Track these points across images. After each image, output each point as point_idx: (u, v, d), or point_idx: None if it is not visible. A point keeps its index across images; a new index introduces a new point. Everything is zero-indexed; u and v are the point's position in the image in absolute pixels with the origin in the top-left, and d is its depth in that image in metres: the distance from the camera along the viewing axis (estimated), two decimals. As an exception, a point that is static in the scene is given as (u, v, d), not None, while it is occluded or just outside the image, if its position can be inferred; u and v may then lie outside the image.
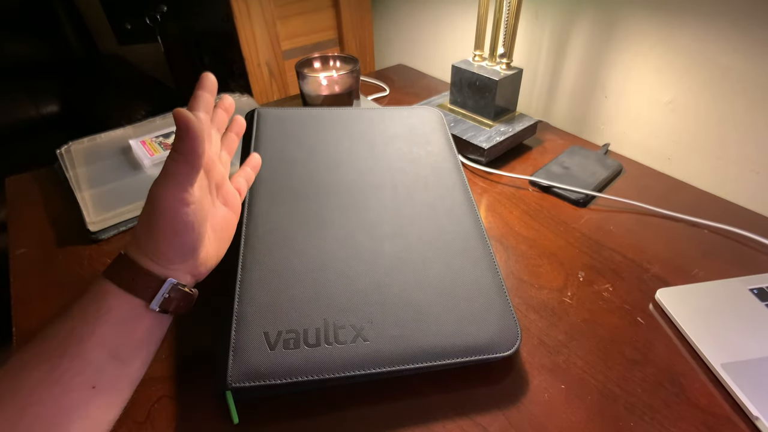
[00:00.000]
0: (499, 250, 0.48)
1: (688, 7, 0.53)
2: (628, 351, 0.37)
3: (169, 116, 0.70)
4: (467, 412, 0.33)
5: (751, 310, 0.39)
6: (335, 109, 0.51)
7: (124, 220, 0.52)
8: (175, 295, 0.31)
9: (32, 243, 0.51)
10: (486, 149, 0.59)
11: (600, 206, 0.54)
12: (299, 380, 0.31)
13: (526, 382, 0.35)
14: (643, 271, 0.45)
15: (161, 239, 0.30)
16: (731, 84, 0.52)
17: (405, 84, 0.88)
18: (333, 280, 0.36)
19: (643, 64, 0.59)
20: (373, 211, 0.41)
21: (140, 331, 0.30)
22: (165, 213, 0.30)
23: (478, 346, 0.34)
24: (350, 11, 0.95)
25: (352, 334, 0.33)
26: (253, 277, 0.35)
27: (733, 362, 0.35)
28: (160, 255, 0.31)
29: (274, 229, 0.39)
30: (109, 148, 0.63)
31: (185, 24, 1.14)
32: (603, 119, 0.67)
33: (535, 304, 0.42)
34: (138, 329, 0.30)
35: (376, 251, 0.38)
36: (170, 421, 0.33)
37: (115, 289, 0.30)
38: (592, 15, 0.63)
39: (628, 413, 0.33)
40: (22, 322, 0.42)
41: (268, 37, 0.87)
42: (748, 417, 0.32)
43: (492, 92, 0.61)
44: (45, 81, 1.43)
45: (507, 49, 0.60)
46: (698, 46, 0.54)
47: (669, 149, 0.61)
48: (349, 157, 0.46)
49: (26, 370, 0.26)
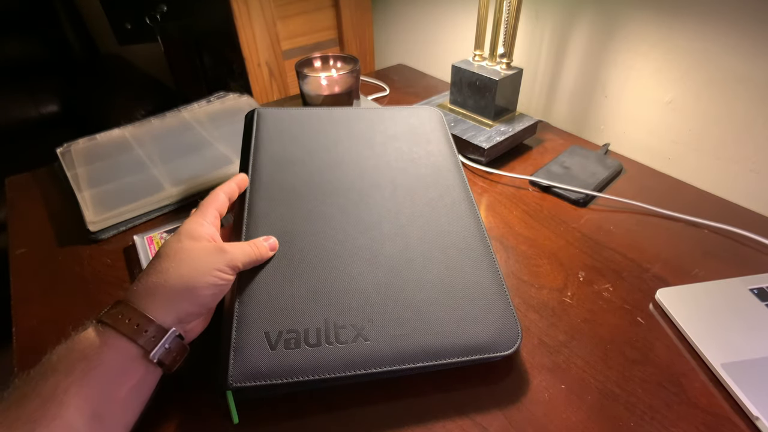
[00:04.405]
0: (499, 249, 0.48)
1: (688, 7, 0.53)
2: (628, 351, 0.37)
3: (167, 117, 0.70)
4: (467, 412, 0.33)
5: (751, 310, 0.39)
6: (335, 109, 0.51)
7: (124, 219, 0.52)
8: (174, 347, 0.30)
9: (32, 243, 0.51)
10: (486, 149, 0.59)
11: (600, 206, 0.54)
12: (300, 380, 0.31)
13: (526, 382, 0.35)
14: (643, 271, 0.45)
15: (186, 305, 0.31)
16: (731, 84, 0.52)
17: (405, 84, 0.88)
18: (333, 279, 0.36)
19: (643, 64, 0.60)
20: (374, 211, 0.41)
21: (128, 385, 0.28)
22: (211, 288, 0.32)
23: (478, 345, 0.34)
24: (350, 11, 0.95)
25: (352, 334, 0.33)
26: (253, 277, 0.35)
27: (733, 362, 0.35)
28: (173, 315, 0.31)
29: (274, 229, 0.39)
30: (109, 148, 0.63)
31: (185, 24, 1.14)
32: (603, 119, 0.67)
33: (535, 303, 0.42)
34: (126, 384, 0.28)
35: (376, 251, 0.38)
36: (170, 421, 0.33)
37: (113, 338, 0.28)
38: (592, 15, 0.63)
39: (628, 413, 0.33)
40: (22, 322, 0.42)
41: (268, 37, 0.87)
42: (748, 417, 0.32)
43: (492, 92, 0.61)
44: (45, 81, 1.43)
45: (507, 49, 0.60)
46: (698, 46, 0.54)
47: (669, 149, 0.61)
48: (349, 157, 0.46)
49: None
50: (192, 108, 0.72)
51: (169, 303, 0.31)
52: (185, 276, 0.31)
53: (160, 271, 0.31)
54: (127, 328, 0.29)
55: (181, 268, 0.31)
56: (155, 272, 0.31)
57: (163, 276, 0.31)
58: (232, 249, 0.34)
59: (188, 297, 0.31)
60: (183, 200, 0.55)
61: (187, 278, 0.31)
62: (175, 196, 0.55)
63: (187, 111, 0.72)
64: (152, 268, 0.32)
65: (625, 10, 0.59)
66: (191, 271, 0.31)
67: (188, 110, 0.72)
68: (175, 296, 0.31)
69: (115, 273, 0.46)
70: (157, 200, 0.54)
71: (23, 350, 0.39)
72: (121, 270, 0.47)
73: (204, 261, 0.32)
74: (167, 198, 0.54)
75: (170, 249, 0.33)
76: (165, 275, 0.31)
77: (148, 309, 0.30)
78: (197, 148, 0.63)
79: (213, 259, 0.32)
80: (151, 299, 0.30)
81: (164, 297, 0.31)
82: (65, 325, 0.41)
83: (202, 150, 0.62)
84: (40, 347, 0.39)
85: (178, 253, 0.32)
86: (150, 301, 0.30)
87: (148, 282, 0.31)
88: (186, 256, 0.32)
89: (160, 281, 0.31)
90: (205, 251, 0.33)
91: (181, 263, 0.32)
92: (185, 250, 0.32)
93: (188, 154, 0.61)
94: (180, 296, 0.31)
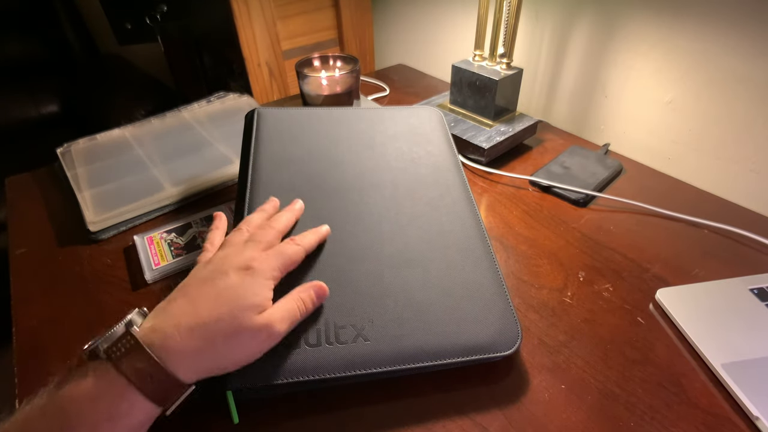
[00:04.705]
0: (499, 249, 0.48)
1: (688, 7, 0.53)
2: (628, 351, 0.37)
3: (167, 117, 0.70)
4: (467, 412, 0.33)
5: (751, 310, 0.39)
6: (335, 109, 0.51)
7: (124, 219, 0.52)
8: (188, 398, 0.29)
9: (32, 243, 0.51)
10: (486, 149, 0.59)
11: (600, 206, 0.54)
12: (300, 380, 0.31)
13: (526, 382, 0.35)
14: (643, 271, 0.45)
15: (215, 371, 0.29)
16: (731, 84, 0.52)
17: (405, 84, 0.88)
18: (333, 279, 0.36)
19: (643, 64, 0.60)
20: (374, 211, 0.41)
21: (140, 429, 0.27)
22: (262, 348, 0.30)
23: (478, 345, 0.34)
24: (350, 11, 0.95)
25: (352, 334, 0.33)
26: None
27: (733, 362, 0.35)
28: (198, 376, 0.28)
29: (274, 229, 0.39)
30: (108, 148, 0.63)
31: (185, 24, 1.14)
32: (603, 119, 0.67)
33: (535, 304, 0.42)
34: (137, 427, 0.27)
35: (376, 251, 0.38)
36: (171, 421, 0.33)
37: (139, 401, 0.26)
38: (592, 15, 0.63)
39: (628, 413, 0.33)
40: (22, 322, 0.42)
41: (268, 37, 0.87)
42: (748, 417, 0.32)
43: (492, 92, 0.61)
44: (45, 81, 1.43)
45: (507, 49, 0.60)
46: (698, 46, 0.54)
47: (669, 149, 0.61)
48: (349, 156, 0.46)
49: None
50: (192, 108, 0.72)
51: (199, 369, 0.28)
52: (227, 358, 0.29)
53: (201, 325, 0.28)
54: (153, 391, 0.27)
55: (226, 349, 0.28)
56: (193, 320, 0.28)
57: (200, 338, 0.28)
58: (281, 326, 0.30)
59: (221, 370, 0.29)
60: (183, 200, 0.55)
61: (228, 360, 0.29)
62: (175, 196, 0.55)
63: (187, 111, 0.72)
64: (192, 306, 0.29)
65: (625, 10, 0.59)
66: (233, 354, 0.29)
67: (188, 110, 0.72)
68: (208, 366, 0.29)
69: (115, 273, 0.46)
70: (157, 200, 0.54)
71: (23, 350, 0.39)
72: (121, 270, 0.47)
73: (250, 348, 0.29)
74: (167, 198, 0.54)
75: (223, 308, 0.29)
76: (204, 341, 0.28)
77: (177, 369, 0.27)
78: (197, 148, 0.63)
79: (262, 345, 0.30)
80: (179, 359, 0.27)
81: (194, 362, 0.28)
82: (65, 325, 0.41)
83: (202, 150, 0.62)
84: (40, 347, 0.39)
85: (228, 327, 0.28)
86: (178, 360, 0.27)
87: (181, 333, 0.28)
88: (233, 333, 0.28)
89: (195, 345, 0.28)
90: (258, 340, 0.30)
91: (229, 346, 0.28)
92: (235, 326, 0.29)
93: (188, 154, 0.61)
94: (213, 368, 0.29)
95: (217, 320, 0.28)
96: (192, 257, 0.47)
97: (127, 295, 0.44)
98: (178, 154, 0.61)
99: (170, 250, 0.47)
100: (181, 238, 0.49)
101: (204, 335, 0.28)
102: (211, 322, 0.28)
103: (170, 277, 0.45)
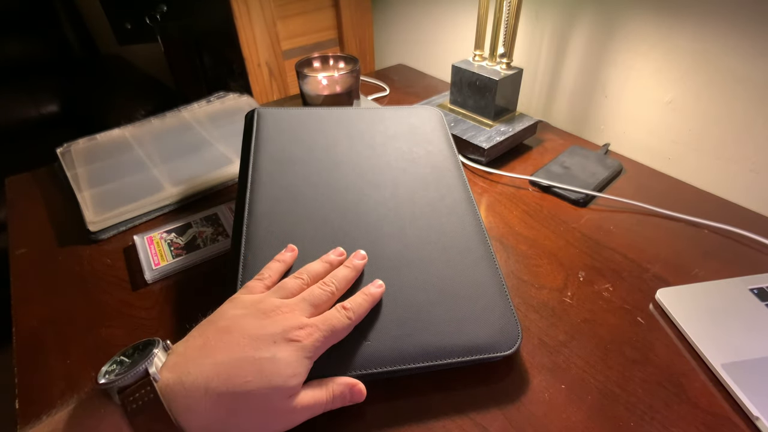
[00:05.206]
0: (500, 249, 0.48)
1: (688, 7, 0.53)
2: (628, 351, 0.37)
3: (167, 117, 0.70)
4: (467, 412, 0.33)
5: (751, 310, 0.39)
6: (335, 109, 0.51)
7: (124, 219, 0.52)
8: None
9: (32, 243, 0.51)
10: (486, 149, 0.59)
11: (600, 206, 0.54)
12: (299, 380, 0.31)
13: (526, 382, 0.35)
14: (643, 271, 0.45)
15: (242, 430, 0.27)
16: (731, 84, 0.52)
17: (405, 84, 0.88)
18: (333, 280, 0.36)
19: (643, 64, 0.60)
20: (373, 211, 0.41)
21: None
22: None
23: (478, 345, 0.34)
24: (350, 11, 0.95)
25: (352, 334, 0.33)
26: (253, 277, 0.35)
27: (733, 362, 0.35)
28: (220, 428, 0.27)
29: (274, 229, 0.39)
30: (108, 148, 0.63)
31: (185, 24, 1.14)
32: (603, 119, 0.67)
33: (535, 304, 0.42)
34: None
35: (376, 251, 0.38)
36: None
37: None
38: (592, 15, 0.63)
39: (628, 413, 0.33)
40: (22, 322, 0.42)
41: (268, 37, 0.87)
42: (748, 417, 0.32)
43: (492, 92, 0.61)
44: (45, 81, 1.43)
45: (507, 49, 0.60)
46: (698, 46, 0.54)
47: (669, 149, 0.61)
48: (349, 156, 0.46)
49: None
50: (192, 108, 0.72)
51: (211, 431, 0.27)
52: (241, 428, 0.27)
53: (230, 394, 0.26)
54: None
55: (245, 422, 0.27)
56: (224, 385, 0.26)
57: (225, 408, 0.26)
58: (302, 416, 0.29)
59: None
60: (183, 200, 0.55)
61: (241, 430, 0.28)
62: (175, 196, 0.55)
63: (187, 111, 0.72)
64: (227, 367, 0.27)
65: (625, 10, 0.59)
66: (249, 427, 0.28)
67: (188, 110, 0.72)
68: (221, 430, 0.27)
69: (115, 273, 0.46)
70: (157, 200, 0.54)
71: (23, 350, 0.39)
72: (121, 270, 0.47)
73: (266, 427, 0.28)
74: (167, 198, 0.54)
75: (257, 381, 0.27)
76: (228, 412, 0.26)
77: (189, 426, 0.26)
78: (197, 148, 0.63)
79: (277, 427, 0.29)
80: (197, 424, 0.26)
81: (210, 428, 0.27)
82: (65, 325, 0.41)
83: (202, 150, 0.62)
84: (40, 347, 0.39)
85: (256, 405, 0.27)
86: (196, 427, 0.26)
87: (209, 398, 0.26)
88: (259, 411, 0.27)
89: (218, 415, 0.26)
90: (276, 422, 0.29)
91: (250, 421, 0.27)
92: (263, 406, 0.27)
93: (188, 154, 0.61)
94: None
95: (248, 394, 0.27)
96: (192, 257, 0.47)
97: (127, 295, 0.44)
98: (178, 154, 0.61)
99: (170, 250, 0.48)
100: (181, 238, 0.49)
101: (230, 406, 0.27)
102: (242, 393, 0.27)
103: (170, 277, 0.45)
